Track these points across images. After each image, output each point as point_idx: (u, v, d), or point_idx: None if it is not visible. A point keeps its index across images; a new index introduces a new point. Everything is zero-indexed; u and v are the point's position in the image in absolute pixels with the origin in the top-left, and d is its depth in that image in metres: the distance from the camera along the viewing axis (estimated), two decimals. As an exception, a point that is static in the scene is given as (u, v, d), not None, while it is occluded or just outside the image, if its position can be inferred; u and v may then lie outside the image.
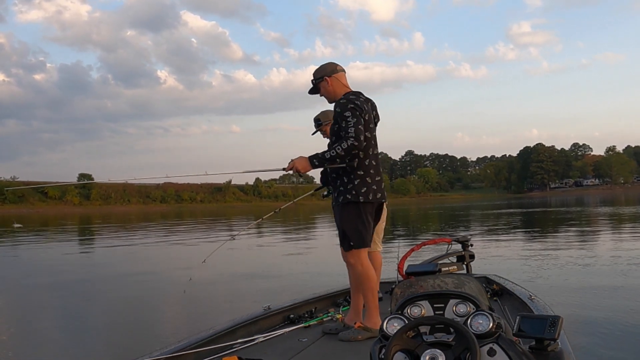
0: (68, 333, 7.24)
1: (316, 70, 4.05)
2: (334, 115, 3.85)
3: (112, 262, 16.40)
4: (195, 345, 3.66)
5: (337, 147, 3.70)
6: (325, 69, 4.00)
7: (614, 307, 7.12)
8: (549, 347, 2.48)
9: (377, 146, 4.09)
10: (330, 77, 3.98)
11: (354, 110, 3.76)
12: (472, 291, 2.59)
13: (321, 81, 4.00)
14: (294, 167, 3.85)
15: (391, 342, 2.24)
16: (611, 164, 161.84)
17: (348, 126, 3.72)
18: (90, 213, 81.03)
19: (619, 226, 23.28)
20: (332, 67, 4.02)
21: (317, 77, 4.02)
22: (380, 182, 4.05)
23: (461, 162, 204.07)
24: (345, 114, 3.75)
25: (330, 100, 4.03)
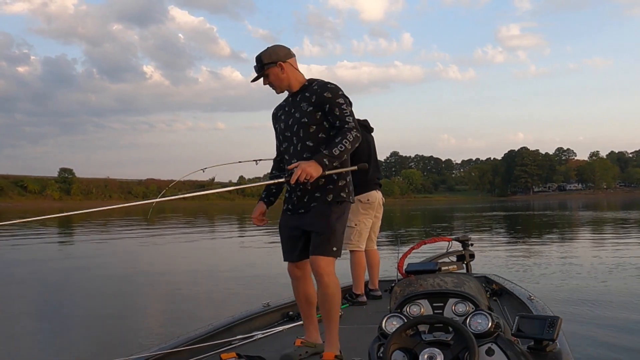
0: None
1: (265, 54, 3.28)
2: (317, 99, 3.22)
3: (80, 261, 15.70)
4: (193, 342, 3.67)
5: (344, 140, 3.09)
6: (278, 53, 3.28)
7: (612, 308, 7.04)
8: (548, 347, 2.48)
9: None
10: (284, 63, 3.28)
11: (345, 97, 3.24)
12: (472, 291, 2.58)
13: (273, 67, 3.26)
14: (307, 175, 3.00)
15: (390, 340, 2.25)
16: (594, 169, 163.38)
17: (345, 115, 3.18)
18: (70, 208, 79.57)
19: (607, 230, 23.33)
20: (286, 51, 3.33)
21: (268, 62, 3.26)
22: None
23: (446, 164, 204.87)
24: (338, 101, 3.19)
25: (281, 89, 3.35)
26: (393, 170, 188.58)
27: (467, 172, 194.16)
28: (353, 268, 5.29)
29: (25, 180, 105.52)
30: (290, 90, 3.35)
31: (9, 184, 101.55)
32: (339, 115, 3.17)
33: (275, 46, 3.33)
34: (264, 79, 3.30)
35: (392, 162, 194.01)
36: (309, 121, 3.22)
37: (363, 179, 5.20)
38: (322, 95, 3.20)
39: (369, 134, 5.45)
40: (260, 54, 3.28)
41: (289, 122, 3.32)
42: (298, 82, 3.32)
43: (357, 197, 5.16)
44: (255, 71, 3.31)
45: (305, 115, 3.23)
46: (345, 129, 3.13)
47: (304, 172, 2.98)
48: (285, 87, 3.33)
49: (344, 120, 3.16)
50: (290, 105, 3.37)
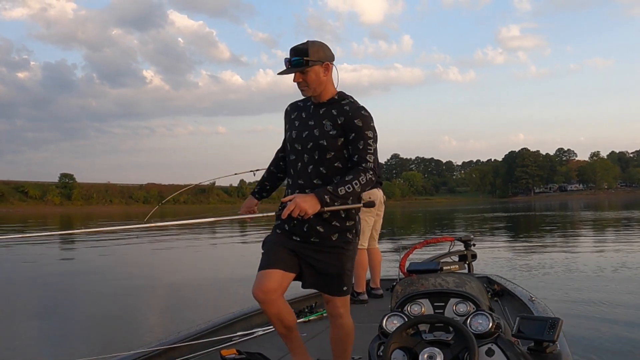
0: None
1: (313, 48, 2.76)
2: (345, 123, 2.75)
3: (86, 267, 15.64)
4: (194, 337, 3.66)
5: (355, 180, 2.64)
6: (327, 52, 2.80)
7: (613, 310, 7.02)
8: (548, 349, 2.47)
9: None
10: (331, 64, 2.81)
11: (375, 131, 2.77)
12: (473, 291, 2.57)
13: (318, 64, 2.76)
14: (301, 210, 2.58)
15: (390, 339, 2.24)
16: (595, 169, 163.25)
17: (368, 152, 2.71)
18: (72, 213, 79.78)
19: (609, 230, 23.31)
20: (332, 53, 2.85)
21: (315, 59, 2.74)
22: None
23: (447, 166, 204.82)
24: (367, 134, 2.72)
25: (314, 93, 2.82)
26: (394, 173, 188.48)
27: (468, 174, 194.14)
28: (355, 266, 5.24)
29: (26, 185, 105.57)
30: (319, 98, 2.86)
31: (10, 190, 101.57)
32: (362, 150, 2.72)
33: (322, 43, 2.84)
34: (297, 76, 2.78)
35: (392, 165, 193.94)
36: (328, 146, 2.78)
37: None
38: (353, 121, 2.74)
39: None
40: (305, 46, 2.76)
41: (303, 134, 2.86)
42: (329, 92, 2.85)
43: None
44: (291, 64, 2.77)
45: (325, 137, 2.78)
46: (362, 168, 2.69)
47: (297, 208, 2.56)
48: (319, 92, 2.83)
49: (364, 158, 2.70)
50: (311, 115, 2.88)
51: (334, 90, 2.86)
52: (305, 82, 2.79)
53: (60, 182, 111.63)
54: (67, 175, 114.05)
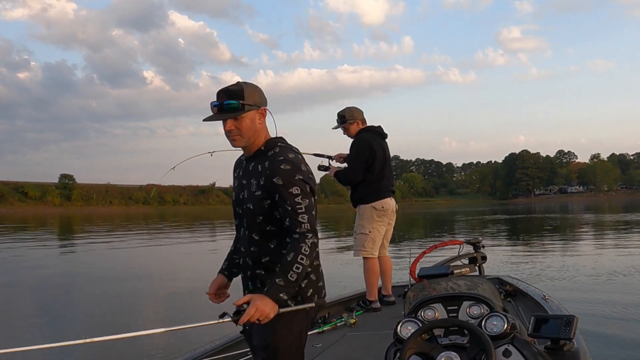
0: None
1: (247, 90, 2.42)
2: (266, 183, 2.38)
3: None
4: (209, 354, 3.62)
5: (299, 256, 2.27)
6: (262, 95, 2.49)
7: (628, 306, 7.09)
8: (565, 347, 2.45)
9: None
10: (266, 110, 2.51)
11: (304, 183, 2.37)
12: (486, 293, 2.57)
13: (253, 110, 2.42)
14: (262, 314, 2.24)
15: (406, 345, 2.22)
16: (595, 171, 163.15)
17: (298, 212, 2.32)
18: (71, 214, 79.69)
19: (616, 231, 23.27)
20: (265, 97, 2.53)
21: (251, 103, 2.41)
22: None
23: (447, 168, 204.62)
24: (291, 191, 2.33)
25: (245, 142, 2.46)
26: (394, 174, 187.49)
27: (468, 176, 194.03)
28: (366, 275, 5.27)
29: (26, 186, 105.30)
30: (249, 150, 2.50)
31: (10, 190, 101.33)
32: (291, 212, 2.32)
33: (256, 85, 2.49)
34: (230, 123, 2.39)
35: (393, 166, 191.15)
36: (255, 209, 2.43)
37: (377, 186, 5.28)
38: (272, 180, 2.35)
39: (383, 141, 5.48)
40: (239, 87, 2.40)
41: (240, 195, 2.53)
42: (259, 142, 2.48)
43: (372, 204, 5.26)
44: (223, 108, 2.38)
45: (251, 199, 2.44)
46: (298, 236, 2.30)
47: (258, 312, 2.23)
48: (252, 141, 2.46)
49: (296, 221, 2.31)
50: (243, 172, 2.55)
51: (262, 139, 2.48)
52: (239, 130, 2.40)
53: (60, 183, 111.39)
54: (67, 176, 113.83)
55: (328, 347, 3.99)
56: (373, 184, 5.28)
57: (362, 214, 5.34)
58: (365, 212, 5.31)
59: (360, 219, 5.34)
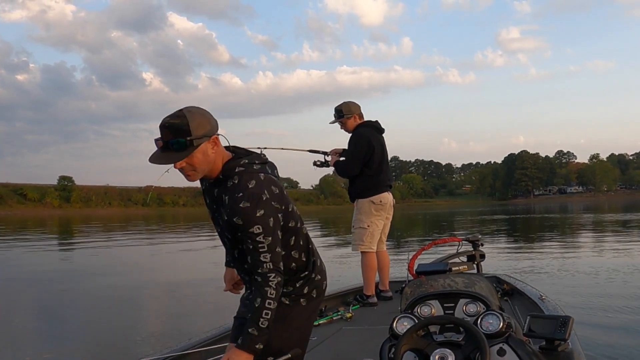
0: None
1: (193, 122, 2.13)
2: (228, 219, 2.22)
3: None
4: (203, 344, 3.62)
5: (265, 302, 2.16)
6: (211, 121, 2.21)
7: (624, 308, 7.07)
8: (559, 347, 2.47)
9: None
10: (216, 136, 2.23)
11: (265, 220, 2.18)
12: (483, 291, 2.57)
13: (204, 142, 2.17)
14: None
15: (401, 341, 2.23)
16: (595, 171, 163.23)
17: (261, 253, 2.17)
18: (70, 216, 79.62)
19: (615, 231, 23.24)
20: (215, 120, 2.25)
21: (200, 135, 2.13)
22: None
23: (446, 169, 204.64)
24: (253, 230, 2.16)
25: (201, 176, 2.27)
26: (393, 175, 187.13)
27: (468, 176, 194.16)
28: (364, 269, 5.29)
29: (25, 188, 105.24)
30: (209, 177, 2.30)
31: (9, 192, 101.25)
32: (252, 251, 2.18)
33: (202, 110, 2.21)
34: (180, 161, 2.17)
35: (392, 167, 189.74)
36: (230, 236, 2.31)
37: (375, 180, 5.29)
38: (232, 219, 2.19)
39: (381, 135, 5.47)
40: (185, 121, 2.12)
41: (214, 215, 2.41)
42: (217, 169, 2.27)
43: (370, 198, 5.28)
44: (170, 148, 2.14)
45: (224, 227, 2.32)
46: (261, 279, 2.17)
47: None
48: (209, 171, 2.26)
49: (258, 261, 2.17)
50: (210, 196, 2.38)
51: (219, 165, 2.25)
52: (191, 167, 2.19)
53: (59, 185, 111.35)
54: (66, 177, 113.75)
55: (323, 340, 4.00)
56: (371, 178, 5.29)
57: (360, 208, 5.34)
58: (364, 206, 5.31)
59: (358, 213, 5.35)
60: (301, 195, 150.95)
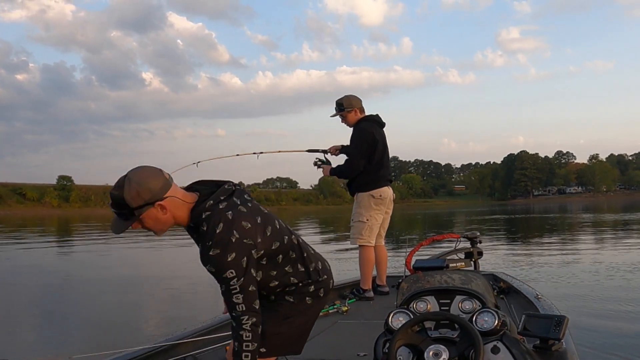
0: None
1: (129, 195, 2.13)
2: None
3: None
4: (200, 333, 3.65)
5: (244, 343, 2.19)
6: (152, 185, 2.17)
7: (620, 308, 7.09)
8: (554, 346, 2.46)
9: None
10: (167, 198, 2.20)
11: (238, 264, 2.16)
12: (479, 288, 2.57)
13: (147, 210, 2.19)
14: None
15: (395, 336, 2.23)
16: (594, 172, 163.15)
17: (234, 296, 2.18)
18: (69, 215, 79.55)
19: (614, 231, 23.26)
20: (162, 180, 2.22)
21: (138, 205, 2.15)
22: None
23: (445, 169, 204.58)
24: (225, 276, 2.16)
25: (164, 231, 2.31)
26: (392, 175, 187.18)
27: (467, 176, 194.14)
28: (361, 263, 5.31)
29: (24, 188, 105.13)
30: (181, 225, 2.31)
31: (8, 192, 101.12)
32: (225, 293, 2.19)
33: (145, 176, 2.17)
34: (135, 225, 2.22)
35: (392, 167, 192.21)
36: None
37: (375, 175, 5.29)
38: (206, 267, 2.20)
39: (382, 130, 5.47)
40: (120, 194, 2.13)
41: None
42: (184, 219, 2.26)
43: (370, 192, 5.27)
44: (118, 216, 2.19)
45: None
46: (236, 322, 2.20)
47: None
48: (172, 224, 2.27)
49: (231, 302, 2.18)
50: (194, 239, 2.36)
51: (185, 215, 2.24)
52: (148, 229, 2.24)
53: (58, 185, 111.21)
54: (65, 177, 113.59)
55: (318, 333, 3.99)
56: (372, 173, 5.29)
57: (359, 202, 5.33)
58: (363, 200, 5.31)
59: (357, 207, 5.34)
60: (300, 195, 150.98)
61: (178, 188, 2.25)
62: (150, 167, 2.22)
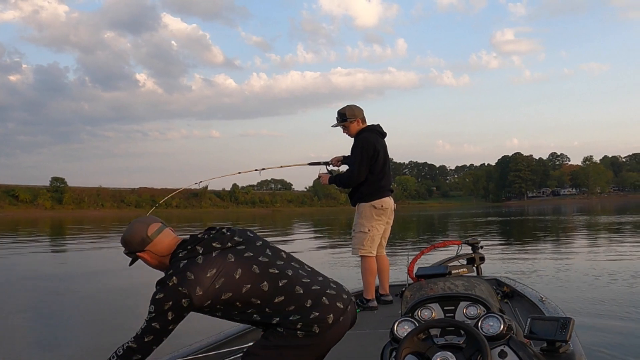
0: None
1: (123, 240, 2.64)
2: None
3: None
4: (206, 349, 3.66)
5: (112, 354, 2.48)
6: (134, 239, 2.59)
7: (625, 309, 7.06)
8: (561, 349, 2.46)
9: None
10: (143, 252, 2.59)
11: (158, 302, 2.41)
12: (483, 293, 2.56)
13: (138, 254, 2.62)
14: None
15: (402, 345, 2.23)
16: (588, 173, 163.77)
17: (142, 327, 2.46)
18: (62, 217, 79.22)
19: (612, 233, 23.23)
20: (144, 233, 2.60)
21: (132, 250, 2.63)
22: None
23: (440, 171, 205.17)
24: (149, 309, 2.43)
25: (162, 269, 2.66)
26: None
27: (461, 178, 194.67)
28: (364, 273, 5.32)
29: (17, 189, 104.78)
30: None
31: (0, 194, 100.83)
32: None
33: (134, 230, 2.58)
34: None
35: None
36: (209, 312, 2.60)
37: (377, 185, 5.30)
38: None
39: (383, 140, 5.47)
40: (122, 238, 2.60)
41: None
42: (166, 265, 2.55)
43: (371, 202, 5.27)
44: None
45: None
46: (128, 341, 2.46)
47: None
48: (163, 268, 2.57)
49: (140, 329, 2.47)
50: None
51: (166, 262, 2.55)
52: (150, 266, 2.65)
53: (51, 186, 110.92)
54: (59, 179, 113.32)
55: None
56: (374, 183, 5.30)
57: (361, 212, 5.33)
58: (365, 210, 5.31)
59: (359, 218, 5.34)
60: (295, 197, 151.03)
61: (166, 239, 2.56)
62: (140, 223, 2.59)
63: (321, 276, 2.63)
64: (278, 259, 2.56)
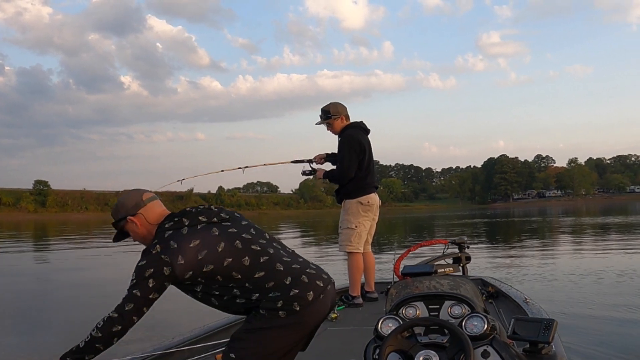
0: None
1: (113, 208, 2.74)
2: None
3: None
4: (188, 342, 3.68)
5: (93, 328, 2.45)
6: (127, 204, 2.65)
7: (608, 310, 7.13)
8: (543, 350, 2.47)
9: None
10: (138, 215, 2.61)
11: (140, 271, 2.44)
12: (468, 293, 2.58)
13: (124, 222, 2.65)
14: None
15: (385, 342, 2.24)
16: (573, 175, 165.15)
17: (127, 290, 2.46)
18: (46, 220, 78.48)
19: (596, 234, 23.35)
20: (133, 202, 2.64)
21: (118, 218, 2.66)
22: None
23: (426, 173, 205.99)
24: (131, 277, 2.49)
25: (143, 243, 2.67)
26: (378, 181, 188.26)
27: (448, 180, 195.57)
28: (350, 270, 5.33)
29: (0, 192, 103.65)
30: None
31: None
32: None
33: (126, 196, 2.66)
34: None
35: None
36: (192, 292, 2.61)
37: (363, 182, 5.34)
38: None
39: (367, 136, 5.50)
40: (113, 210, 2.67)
41: None
42: (152, 234, 2.59)
43: (358, 199, 5.32)
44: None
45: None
46: (110, 312, 2.43)
47: None
48: (149, 240, 2.58)
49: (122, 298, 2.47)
50: None
51: (153, 231, 2.59)
52: (135, 240, 2.69)
53: (34, 189, 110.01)
54: (42, 182, 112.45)
55: None
56: (360, 180, 5.33)
57: (347, 209, 5.35)
58: (351, 207, 5.33)
59: (345, 214, 5.36)
60: (281, 199, 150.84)
61: (158, 209, 2.63)
62: (135, 190, 2.67)
63: (302, 258, 2.65)
64: (261, 238, 2.60)
